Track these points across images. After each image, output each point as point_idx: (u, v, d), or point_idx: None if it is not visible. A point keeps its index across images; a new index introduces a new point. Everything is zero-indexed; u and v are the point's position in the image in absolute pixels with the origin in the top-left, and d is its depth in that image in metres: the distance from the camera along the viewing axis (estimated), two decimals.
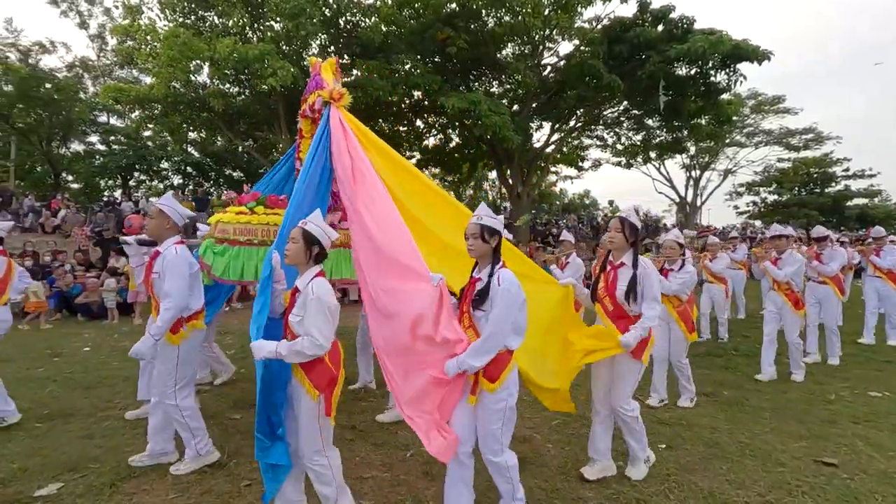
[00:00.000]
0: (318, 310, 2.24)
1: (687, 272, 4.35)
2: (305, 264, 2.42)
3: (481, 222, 2.45)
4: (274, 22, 12.27)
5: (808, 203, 27.55)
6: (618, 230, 2.97)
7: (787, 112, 23.40)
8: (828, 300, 5.93)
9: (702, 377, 5.28)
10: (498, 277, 2.34)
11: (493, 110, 12.63)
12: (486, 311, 2.34)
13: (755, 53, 13.65)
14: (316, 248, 2.41)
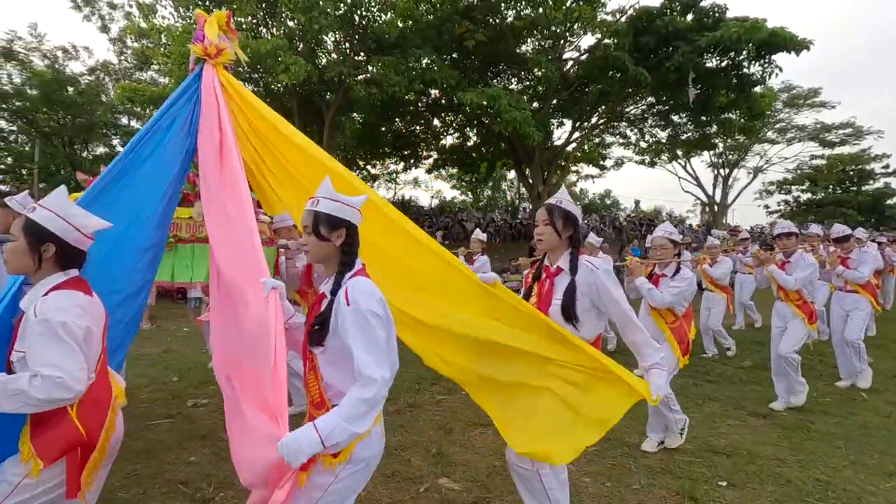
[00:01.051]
0: (46, 336, 1.46)
1: (684, 279, 3.37)
2: (35, 272, 1.62)
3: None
4: (288, 20, 12.00)
5: (845, 202, 26.21)
6: (545, 222, 2.17)
7: (824, 106, 22.23)
8: (857, 312, 4.93)
9: (753, 395, 4.70)
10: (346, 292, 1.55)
11: (513, 106, 12.11)
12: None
13: (793, 42, 12.83)
14: (53, 246, 1.60)
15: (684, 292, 3.32)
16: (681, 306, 3.36)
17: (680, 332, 3.37)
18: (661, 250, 3.45)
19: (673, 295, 3.30)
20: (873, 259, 4.95)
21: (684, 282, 3.32)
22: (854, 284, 4.94)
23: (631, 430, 3.77)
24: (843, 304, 5.08)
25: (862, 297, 4.97)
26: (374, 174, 27.46)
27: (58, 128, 22.63)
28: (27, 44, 21.39)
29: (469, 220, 22.86)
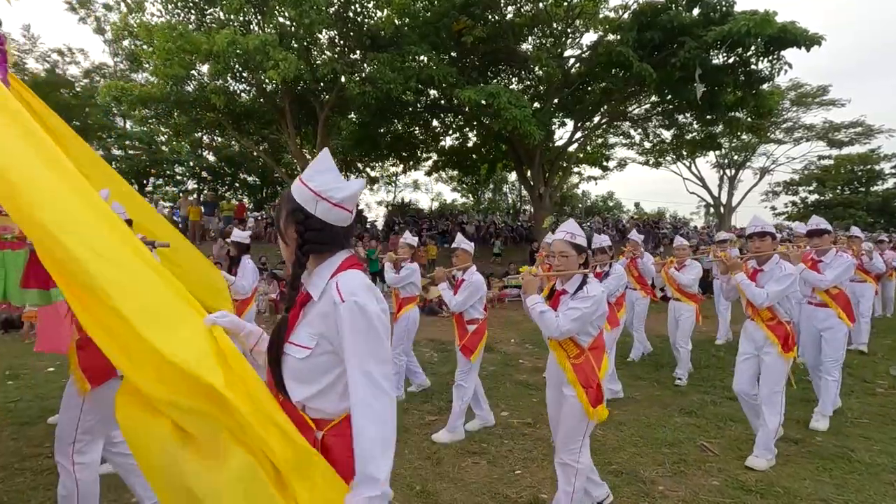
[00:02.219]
0: None
1: (588, 297, 2.47)
2: None
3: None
4: (279, 15, 11.60)
5: (854, 203, 25.65)
6: None
7: (833, 104, 21.67)
8: (832, 333, 3.99)
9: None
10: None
11: (512, 103, 11.64)
12: None
13: (804, 37, 12.31)
14: None
15: (588, 315, 2.40)
16: (586, 335, 2.48)
17: (585, 370, 2.45)
18: (559, 258, 2.52)
19: (572, 320, 2.39)
20: (847, 267, 3.90)
21: (588, 301, 2.40)
22: (822, 294, 3.98)
23: (645, 463, 3.29)
24: (815, 322, 4.13)
25: (836, 313, 3.97)
26: (374, 177, 27.09)
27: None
28: (20, 46, 21.14)
29: (469, 222, 22.41)
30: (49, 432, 3.75)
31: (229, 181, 26.23)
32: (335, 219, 1.31)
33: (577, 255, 2.52)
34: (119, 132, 22.77)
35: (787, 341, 3.22)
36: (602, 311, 2.48)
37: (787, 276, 3.21)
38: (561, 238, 2.56)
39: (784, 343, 3.22)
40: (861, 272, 6.51)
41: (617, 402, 4.58)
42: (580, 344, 2.48)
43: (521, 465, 3.31)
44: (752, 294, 3.28)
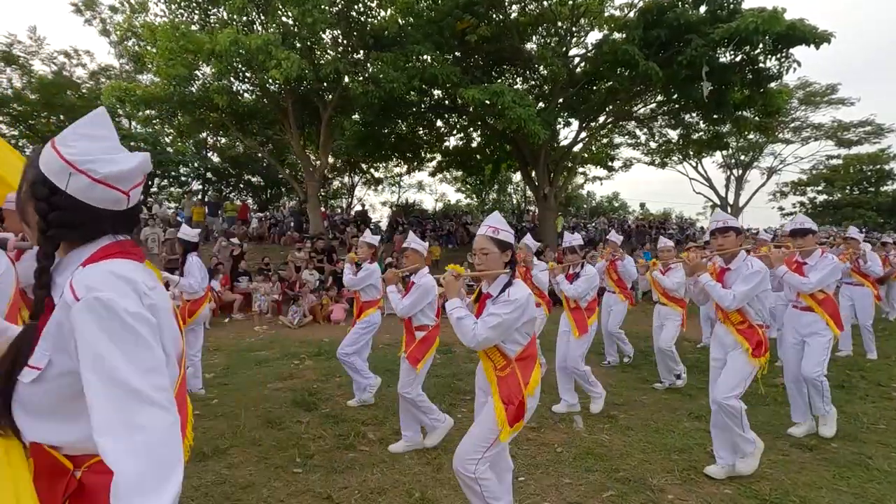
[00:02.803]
0: None
1: (510, 302, 2.15)
2: None
3: None
4: (282, 15, 11.56)
5: (863, 203, 25.31)
6: None
7: (842, 103, 21.40)
8: (817, 338, 3.64)
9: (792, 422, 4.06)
10: None
11: (516, 102, 11.53)
12: None
13: (813, 35, 12.12)
14: None
15: (510, 322, 2.10)
16: (514, 343, 2.19)
17: (509, 384, 2.17)
18: (479, 256, 2.23)
19: (489, 328, 2.08)
20: (832, 270, 3.57)
21: (509, 306, 2.09)
22: (807, 298, 3.67)
23: (654, 470, 3.17)
24: (798, 326, 3.75)
25: (822, 318, 3.63)
26: (378, 177, 27.05)
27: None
28: (27, 48, 21.28)
29: (474, 223, 22.29)
30: None
31: (234, 182, 26.29)
32: (98, 199, 1.00)
33: (501, 253, 2.20)
34: (124, 133, 22.83)
35: (759, 347, 2.93)
36: (530, 318, 2.16)
37: (754, 273, 2.91)
38: (482, 233, 2.23)
39: (755, 348, 2.93)
40: (858, 275, 6.22)
41: (624, 406, 4.45)
42: (506, 354, 2.19)
43: (525, 471, 3.20)
44: (718, 296, 3.00)
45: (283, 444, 3.57)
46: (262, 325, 8.99)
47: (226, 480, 3.02)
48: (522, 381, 2.16)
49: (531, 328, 2.24)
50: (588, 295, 4.32)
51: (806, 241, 3.67)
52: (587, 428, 3.94)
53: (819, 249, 3.68)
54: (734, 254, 3.06)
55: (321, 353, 6.55)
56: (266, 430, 3.88)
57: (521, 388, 2.15)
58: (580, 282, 4.30)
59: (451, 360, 6.33)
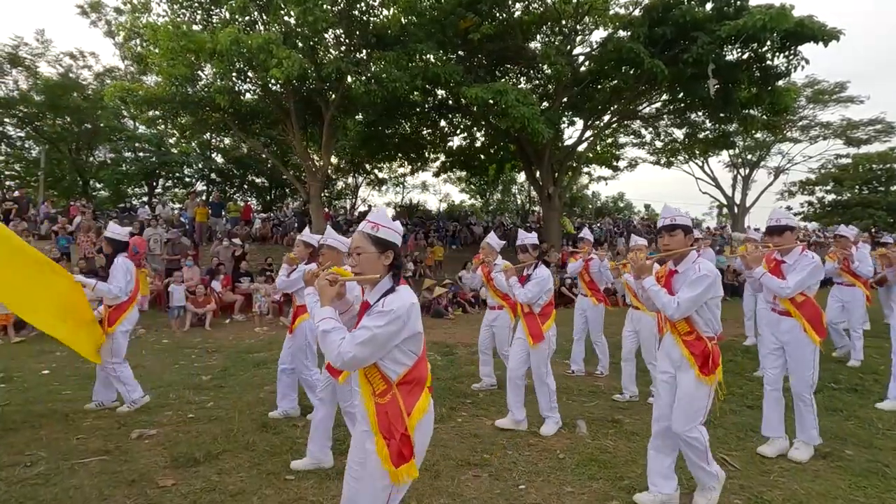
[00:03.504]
0: None
1: (383, 314, 1.71)
2: None
3: None
4: (285, 15, 11.50)
5: (873, 202, 24.92)
6: None
7: (851, 101, 21.10)
8: (799, 349, 3.31)
9: None
10: None
11: (520, 101, 11.41)
12: None
13: (821, 32, 11.91)
14: None
15: (384, 337, 1.70)
16: (395, 363, 1.78)
17: (389, 413, 1.75)
18: (354, 256, 1.89)
19: (358, 344, 1.68)
20: (812, 270, 3.22)
21: (382, 318, 1.71)
22: (785, 302, 3.30)
23: None
24: (777, 332, 3.42)
25: (800, 325, 3.26)
26: (382, 178, 27.00)
27: (64, 133, 22.60)
28: (33, 50, 21.39)
29: (478, 224, 22.19)
30: (31, 439, 3.60)
31: (238, 183, 26.31)
32: None
33: (381, 254, 1.82)
34: (129, 134, 22.92)
35: (708, 361, 2.57)
36: (413, 332, 1.77)
37: (701, 278, 2.52)
38: (360, 229, 1.87)
39: (703, 363, 2.57)
40: (849, 275, 5.89)
41: (628, 411, 4.32)
42: (387, 376, 1.78)
43: (526, 478, 3.08)
44: (661, 303, 2.62)
45: (278, 450, 3.48)
46: (263, 326, 8.92)
47: (216, 487, 2.93)
48: (405, 409, 1.76)
49: (417, 345, 1.83)
50: (541, 299, 3.87)
51: (784, 239, 3.30)
52: (591, 433, 3.81)
53: (799, 247, 3.33)
54: (682, 255, 2.69)
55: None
56: (260, 434, 3.78)
57: (402, 419, 1.74)
58: (531, 285, 3.86)
59: (453, 361, 6.22)
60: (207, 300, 8.94)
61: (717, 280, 2.57)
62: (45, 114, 21.47)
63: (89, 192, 23.71)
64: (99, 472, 3.09)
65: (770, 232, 3.38)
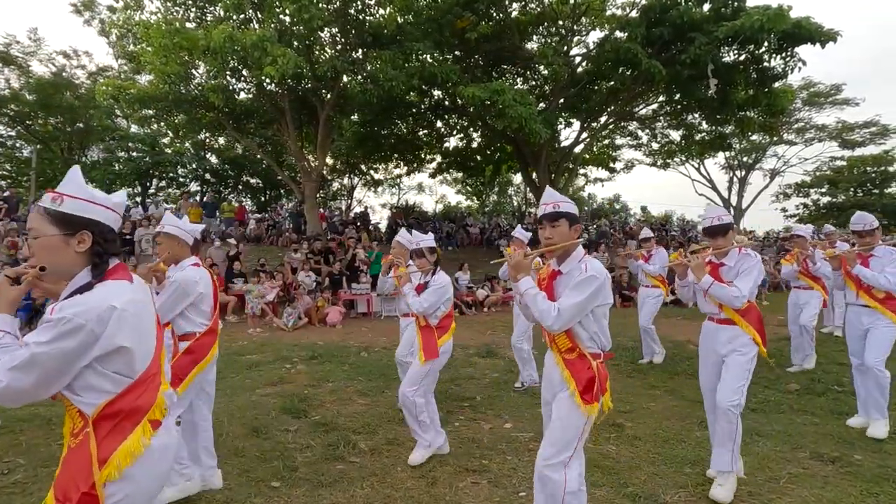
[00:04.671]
0: None
1: None
2: None
3: None
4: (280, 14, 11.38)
5: (867, 205, 24.94)
6: None
7: (846, 103, 21.18)
8: (736, 357, 2.90)
9: (810, 429, 3.85)
10: None
11: (517, 101, 11.33)
12: None
13: (819, 33, 11.90)
14: None
15: (48, 363, 1.22)
16: (92, 392, 1.30)
17: (73, 462, 1.30)
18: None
19: (8, 370, 1.21)
20: (759, 271, 2.87)
21: (48, 333, 1.22)
22: (728, 310, 2.91)
23: (665, 485, 2.94)
24: (716, 344, 2.97)
25: (744, 333, 2.87)
26: (378, 179, 26.86)
27: (56, 133, 22.34)
28: (25, 48, 21.14)
29: (474, 225, 22.09)
30: (10, 445, 3.45)
31: (232, 183, 26.10)
32: None
33: (68, 238, 1.34)
34: (122, 134, 22.70)
35: (591, 387, 2.08)
36: (112, 348, 1.27)
37: (587, 280, 2.04)
38: (37, 203, 1.42)
39: (585, 388, 2.08)
40: (807, 278, 5.53)
41: (630, 414, 4.22)
42: (81, 410, 1.30)
43: (527, 485, 2.96)
44: (539, 311, 2.11)
45: (268, 455, 3.35)
46: (256, 327, 8.76)
47: (202, 496, 2.79)
48: (96, 455, 1.26)
49: (129, 365, 1.32)
50: (439, 310, 3.42)
51: (728, 240, 2.95)
52: (591, 438, 3.70)
53: (736, 248, 2.97)
54: (567, 251, 2.21)
55: (315, 357, 6.32)
56: (251, 439, 3.65)
57: (88, 471, 1.25)
58: (427, 293, 3.38)
59: (450, 364, 6.08)
60: None
61: (607, 284, 2.11)
62: (36, 113, 21.22)
63: None
64: None
65: (712, 233, 2.97)
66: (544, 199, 2.28)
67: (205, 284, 2.81)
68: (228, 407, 4.36)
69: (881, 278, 3.65)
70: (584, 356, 2.14)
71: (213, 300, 2.90)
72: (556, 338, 2.20)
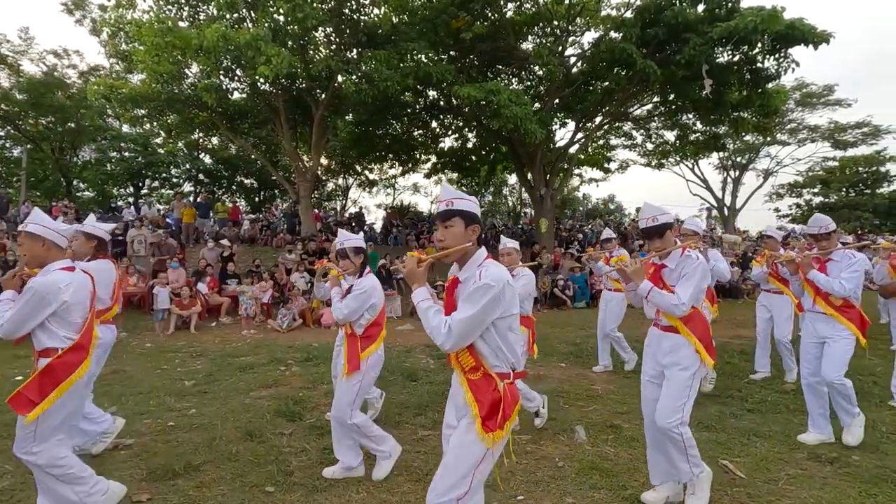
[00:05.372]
0: None
1: None
2: None
3: None
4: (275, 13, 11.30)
5: (860, 205, 25.25)
6: None
7: (839, 104, 21.34)
8: (677, 372, 2.63)
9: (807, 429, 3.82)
10: None
11: (512, 101, 11.31)
12: None
13: (812, 35, 11.96)
14: None
15: None
16: None
17: None
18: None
19: None
20: (702, 272, 2.56)
21: None
22: (670, 317, 2.62)
23: None
24: (658, 354, 2.70)
25: (687, 343, 2.57)
26: (373, 179, 26.78)
27: (47, 133, 22.10)
28: (15, 47, 20.89)
29: None
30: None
31: (226, 184, 25.94)
32: None
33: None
34: (114, 134, 22.48)
35: (495, 413, 1.81)
36: None
37: (480, 289, 1.78)
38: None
39: (488, 414, 1.81)
40: (777, 281, 5.15)
41: (628, 415, 4.20)
42: None
43: (524, 489, 2.93)
44: (429, 328, 1.85)
45: (262, 460, 3.30)
46: (251, 329, 8.69)
47: (194, 502, 2.74)
48: None
49: None
50: (362, 317, 3.14)
51: (665, 242, 2.63)
52: (590, 439, 3.68)
53: (679, 249, 2.65)
54: (465, 254, 1.93)
55: (309, 359, 6.26)
56: (244, 443, 3.59)
57: None
58: (349, 299, 3.11)
59: (446, 364, 6.06)
60: (192, 302, 8.69)
61: (507, 291, 1.83)
62: (27, 112, 20.97)
63: (73, 192, 23.22)
64: None
65: (648, 235, 2.67)
66: (441, 195, 2.04)
67: (75, 292, 2.37)
68: (222, 410, 4.31)
69: (835, 284, 3.41)
70: (489, 376, 1.84)
71: (87, 310, 2.45)
72: (459, 354, 1.89)
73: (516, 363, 1.93)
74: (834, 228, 3.61)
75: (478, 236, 1.95)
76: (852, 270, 3.43)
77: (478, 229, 1.97)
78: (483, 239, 5.27)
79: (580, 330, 8.37)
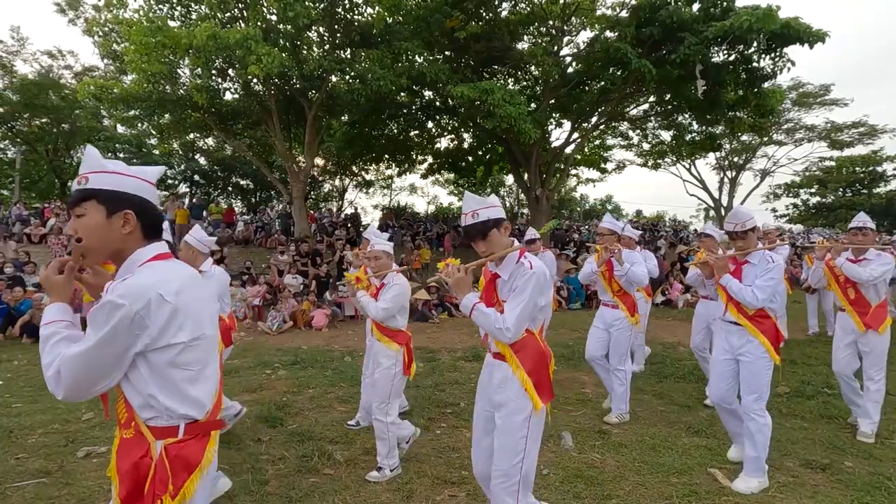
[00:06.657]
0: None
1: None
2: None
3: None
4: (267, 13, 11.21)
5: (856, 204, 25.16)
6: None
7: (835, 104, 21.30)
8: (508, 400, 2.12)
9: (800, 434, 3.75)
10: None
11: (507, 100, 11.23)
12: None
13: (807, 34, 11.91)
14: None
15: None
16: None
17: None
18: None
19: None
20: (529, 289, 1.97)
21: None
22: (499, 343, 2.11)
23: (650, 496, 2.82)
24: (489, 389, 2.27)
25: (513, 375, 2.07)
26: (369, 180, 26.71)
27: (41, 134, 21.97)
28: (8, 48, 20.78)
29: None
30: None
31: (222, 185, 25.84)
32: None
33: None
34: (108, 135, 22.37)
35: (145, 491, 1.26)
36: None
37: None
38: None
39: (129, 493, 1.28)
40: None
41: None
42: None
43: None
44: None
45: (238, 468, 3.20)
46: (240, 331, 8.57)
47: None
48: None
49: None
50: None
51: (490, 245, 2.10)
52: (577, 445, 3.59)
53: (516, 253, 2.11)
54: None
55: (297, 362, 6.16)
56: (221, 450, 3.47)
57: None
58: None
59: (435, 368, 5.96)
60: None
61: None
62: (20, 113, 20.85)
63: (67, 193, 23.09)
64: (33, 497, 2.79)
65: (470, 236, 2.14)
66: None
67: None
68: None
69: (747, 293, 2.88)
70: (141, 434, 1.26)
71: None
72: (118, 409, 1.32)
73: (197, 413, 1.30)
74: (753, 226, 2.97)
75: None
76: (768, 277, 2.87)
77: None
78: None
79: (573, 332, 8.27)
